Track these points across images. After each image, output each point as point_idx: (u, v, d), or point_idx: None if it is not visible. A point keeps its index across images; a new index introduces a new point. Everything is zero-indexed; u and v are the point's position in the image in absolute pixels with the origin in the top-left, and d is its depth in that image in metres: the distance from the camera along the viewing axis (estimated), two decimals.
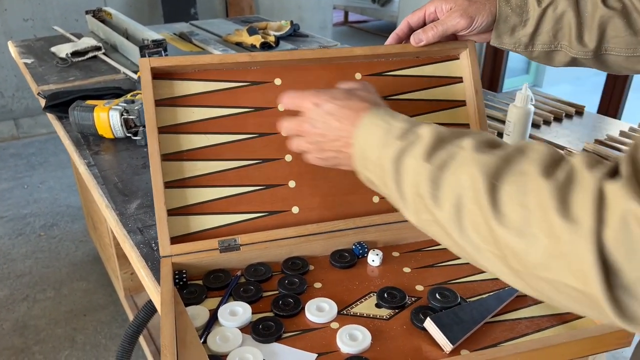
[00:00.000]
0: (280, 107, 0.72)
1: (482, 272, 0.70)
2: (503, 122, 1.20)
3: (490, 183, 0.41)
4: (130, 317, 1.62)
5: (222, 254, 0.69)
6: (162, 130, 0.71)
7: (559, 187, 0.37)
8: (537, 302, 0.64)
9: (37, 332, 1.76)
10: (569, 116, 1.31)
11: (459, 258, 0.73)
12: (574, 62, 0.70)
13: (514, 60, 3.54)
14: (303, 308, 0.63)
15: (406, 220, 0.74)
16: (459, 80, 0.81)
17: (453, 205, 0.43)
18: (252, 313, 0.62)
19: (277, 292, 0.66)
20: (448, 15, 0.71)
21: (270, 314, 0.63)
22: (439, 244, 0.75)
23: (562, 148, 1.12)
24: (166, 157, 0.71)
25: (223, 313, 0.61)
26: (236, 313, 0.61)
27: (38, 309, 1.85)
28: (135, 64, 1.54)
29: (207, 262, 0.69)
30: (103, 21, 1.87)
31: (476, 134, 0.46)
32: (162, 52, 1.51)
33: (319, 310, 0.63)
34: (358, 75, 0.78)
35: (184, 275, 0.66)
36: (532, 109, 1.08)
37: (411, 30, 0.76)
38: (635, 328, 0.36)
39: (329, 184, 0.76)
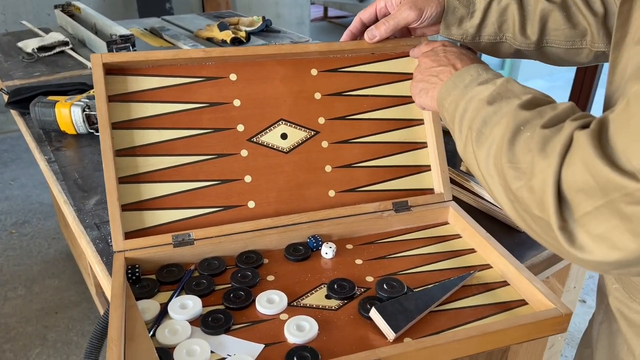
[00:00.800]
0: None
1: (430, 263, 0.72)
2: None
3: (517, 127, 0.47)
4: None
5: (175, 248, 0.70)
6: (116, 125, 0.71)
7: (549, 134, 0.44)
8: (481, 291, 0.67)
9: (8, 330, 1.74)
10: None
11: (409, 250, 0.75)
12: (518, 54, 0.72)
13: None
14: (254, 300, 0.64)
15: (360, 214, 0.77)
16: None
17: (489, 141, 0.50)
18: (203, 306, 0.63)
19: (229, 285, 0.67)
20: (398, 9, 0.72)
21: (221, 307, 0.64)
22: (391, 237, 0.78)
23: None
24: (120, 153, 0.71)
25: (173, 306, 0.62)
26: (186, 306, 0.62)
27: (9, 307, 1.84)
28: None
29: (161, 257, 0.69)
30: (72, 16, 1.85)
31: (540, 93, 0.52)
32: (130, 47, 1.50)
33: (269, 302, 0.64)
34: (314, 71, 0.79)
35: (137, 270, 0.67)
36: None
37: (364, 26, 0.78)
38: (583, 256, 0.42)
39: (285, 178, 0.77)
